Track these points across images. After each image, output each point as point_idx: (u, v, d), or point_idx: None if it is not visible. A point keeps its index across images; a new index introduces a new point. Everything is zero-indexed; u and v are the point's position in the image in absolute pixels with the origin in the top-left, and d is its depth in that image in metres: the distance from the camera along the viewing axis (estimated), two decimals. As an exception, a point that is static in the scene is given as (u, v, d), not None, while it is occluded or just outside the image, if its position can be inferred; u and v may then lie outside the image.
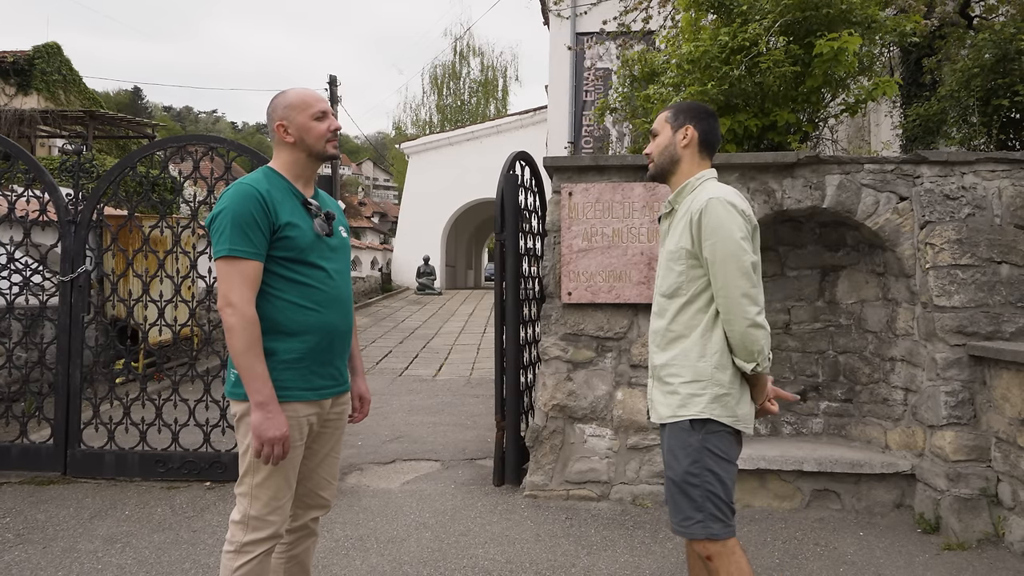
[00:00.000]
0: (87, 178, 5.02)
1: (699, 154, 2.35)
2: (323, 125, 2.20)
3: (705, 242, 2.16)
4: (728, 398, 2.17)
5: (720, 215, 2.15)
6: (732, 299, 2.12)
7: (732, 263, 2.12)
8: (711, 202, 2.16)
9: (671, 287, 2.27)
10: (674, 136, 2.35)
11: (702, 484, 2.15)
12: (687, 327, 2.23)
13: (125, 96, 55.97)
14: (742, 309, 2.11)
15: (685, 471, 2.17)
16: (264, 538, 2.11)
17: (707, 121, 2.37)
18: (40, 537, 3.67)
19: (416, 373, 9.26)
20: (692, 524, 2.16)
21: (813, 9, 4.39)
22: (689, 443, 2.17)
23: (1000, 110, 5.00)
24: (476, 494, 4.37)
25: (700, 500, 2.15)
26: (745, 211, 2.20)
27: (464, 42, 32.91)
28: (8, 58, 16.19)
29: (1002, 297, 3.80)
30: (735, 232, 2.14)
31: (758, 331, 2.12)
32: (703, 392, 2.17)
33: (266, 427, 2.00)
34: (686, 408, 2.18)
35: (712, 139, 2.38)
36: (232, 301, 2.02)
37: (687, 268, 2.22)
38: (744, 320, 2.11)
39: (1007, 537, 3.54)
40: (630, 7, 7.66)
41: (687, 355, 2.21)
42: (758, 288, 2.16)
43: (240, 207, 2.05)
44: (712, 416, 2.15)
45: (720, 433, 2.17)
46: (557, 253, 4.34)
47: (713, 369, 2.17)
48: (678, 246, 2.24)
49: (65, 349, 4.72)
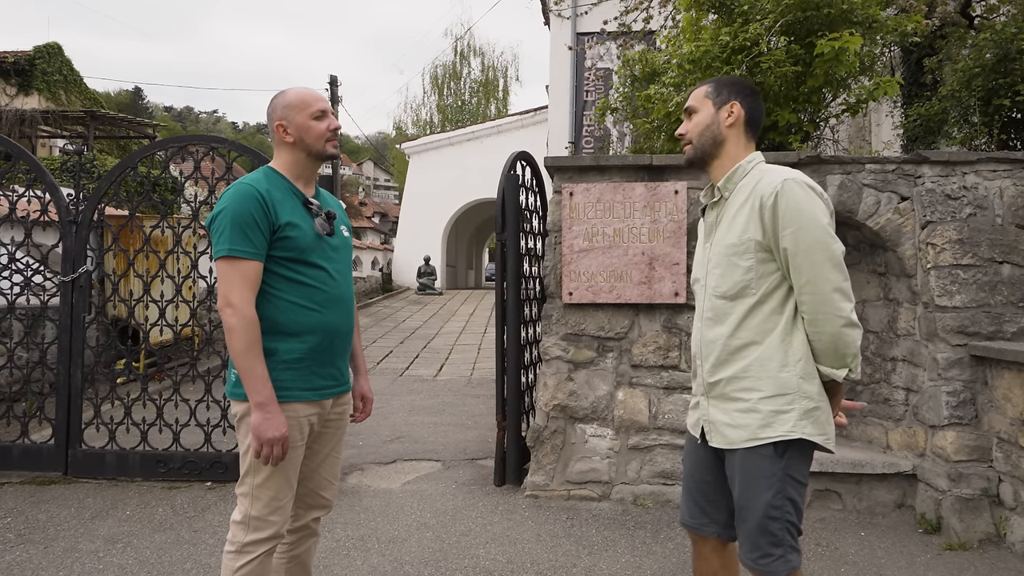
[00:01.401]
0: (88, 178, 5.02)
1: (745, 134, 2.07)
2: (322, 124, 2.18)
3: (784, 231, 1.86)
4: (819, 412, 1.91)
5: (800, 199, 1.86)
6: (822, 295, 1.84)
7: (820, 253, 1.84)
8: (787, 184, 1.87)
9: (736, 286, 1.95)
10: (717, 114, 2.05)
11: (782, 516, 1.90)
12: (760, 332, 1.93)
13: (126, 96, 56.06)
14: (835, 306, 1.83)
15: (768, 504, 1.89)
16: (265, 538, 2.10)
17: (753, 98, 2.09)
18: (41, 537, 3.67)
19: (417, 373, 9.26)
20: (772, 561, 1.91)
21: (814, 9, 4.39)
22: (772, 472, 1.89)
23: (1001, 110, 4.99)
24: (477, 494, 4.37)
25: (780, 535, 1.91)
26: (823, 194, 1.92)
27: (465, 42, 32.96)
28: (9, 58, 16.20)
29: (1003, 297, 3.79)
30: (821, 217, 1.86)
31: (854, 330, 1.86)
32: (790, 408, 1.89)
33: (265, 427, 1.99)
34: (771, 428, 1.89)
35: (759, 117, 2.10)
36: (232, 301, 2.01)
37: (757, 263, 1.92)
38: (838, 319, 1.84)
39: (1008, 537, 3.54)
40: (631, 7, 7.65)
41: (764, 365, 1.91)
42: (849, 281, 1.88)
43: (240, 207, 2.04)
44: (804, 435, 1.88)
45: (804, 455, 1.94)
46: (558, 253, 4.34)
47: (799, 379, 1.89)
48: (743, 238, 1.93)
49: (66, 349, 4.72)
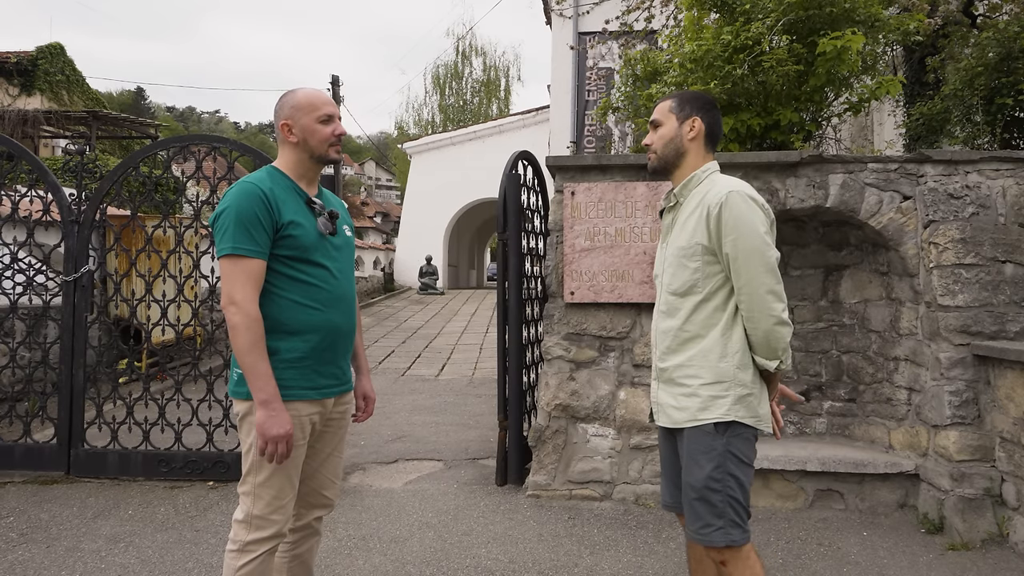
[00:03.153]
0: (90, 178, 5.03)
1: (704, 147, 2.26)
2: (327, 129, 2.18)
3: (726, 238, 2.07)
4: (751, 398, 2.10)
5: (741, 209, 2.06)
6: (757, 296, 2.05)
7: (756, 259, 2.05)
8: (731, 196, 2.07)
9: (684, 284, 2.16)
10: (680, 128, 2.24)
11: (723, 490, 2.06)
12: (704, 326, 2.13)
13: (128, 96, 56.12)
14: (767, 306, 2.05)
15: (707, 476, 2.07)
16: (267, 537, 2.11)
17: (712, 112, 2.27)
18: (44, 536, 3.68)
19: (419, 373, 9.26)
20: (712, 531, 2.07)
21: (816, 8, 4.38)
22: (712, 447, 2.08)
23: (1004, 109, 4.99)
24: (479, 494, 4.37)
25: (721, 506, 2.06)
26: (764, 205, 2.12)
27: (466, 42, 32.99)
28: (12, 59, 16.20)
29: (1006, 296, 3.78)
30: (758, 227, 2.06)
31: (784, 328, 2.06)
32: (726, 393, 2.09)
33: (269, 425, 2.00)
34: (708, 411, 2.09)
35: (717, 131, 2.29)
36: (235, 299, 2.01)
37: (703, 264, 2.13)
38: (770, 318, 2.05)
39: (1011, 537, 3.53)
40: (632, 6, 7.65)
41: (706, 356, 2.12)
42: (781, 284, 2.09)
43: (243, 205, 2.05)
44: (736, 418, 2.07)
45: (743, 436, 2.10)
46: (560, 252, 4.33)
47: (736, 369, 2.09)
48: (692, 242, 2.14)
49: (68, 349, 4.73)
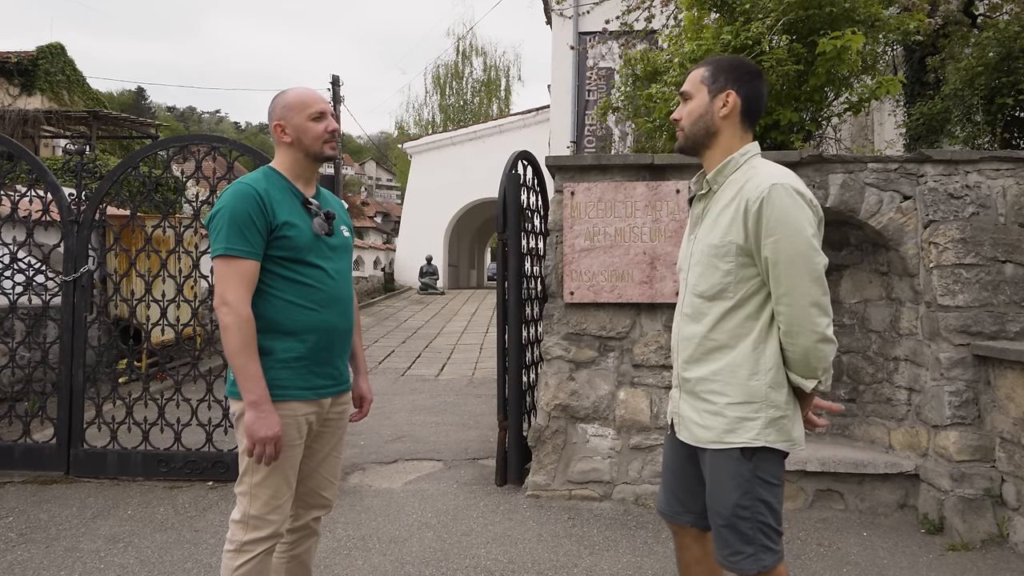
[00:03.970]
0: (90, 178, 5.03)
1: (741, 125, 1.96)
2: (320, 126, 2.18)
3: (766, 239, 1.80)
4: (784, 421, 1.87)
5: (787, 207, 1.78)
6: (799, 308, 1.78)
7: (801, 266, 1.77)
8: (775, 189, 1.79)
9: (713, 288, 1.91)
10: (712, 102, 1.95)
11: (753, 517, 1.87)
12: (733, 336, 1.88)
13: (129, 96, 56.16)
14: (811, 321, 1.77)
15: (735, 504, 1.87)
16: (264, 537, 2.10)
17: (752, 84, 1.95)
18: (43, 537, 3.67)
19: (419, 373, 9.26)
20: (743, 559, 1.89)
21: (816, 7, 4.38)
22: (739, 473, 1.87)
23: (1004, 108, 4.99)
24: (478, 494, 4.37)
25: (751, 534, 1.88)
26: (813, 201, 1.84)
27: (467, 42, 33.01)
28: (12, 59, 16.21)
29: (1006, 296, 3.78)
30: (806, 228, 1.78)
31: (827, 346, 1.80)
32: (756, 416, 1.85)
33: (258, 427, 2.00)
34: (735, 434, 1.87)
35: (757, 107, 1.98)
36: (227, 300, 2.01)
37: (737, 267, 1.87)
38: (813, 334, 1.78)
39: (1011, 538, 3.53)
40: (632, 6, 7.64)
41: (734, 371, 1.87)
42: (828, 295, 1.81)
43: (237, 206, 2.05)
44: (768, 443, 1.85)
45: (773, 459, 1.89)
46: (559, 252, 4.33)
47: (768, 389, 1.85)
48: (725, 240, 1.87)
49: (68, 349, 4.72)
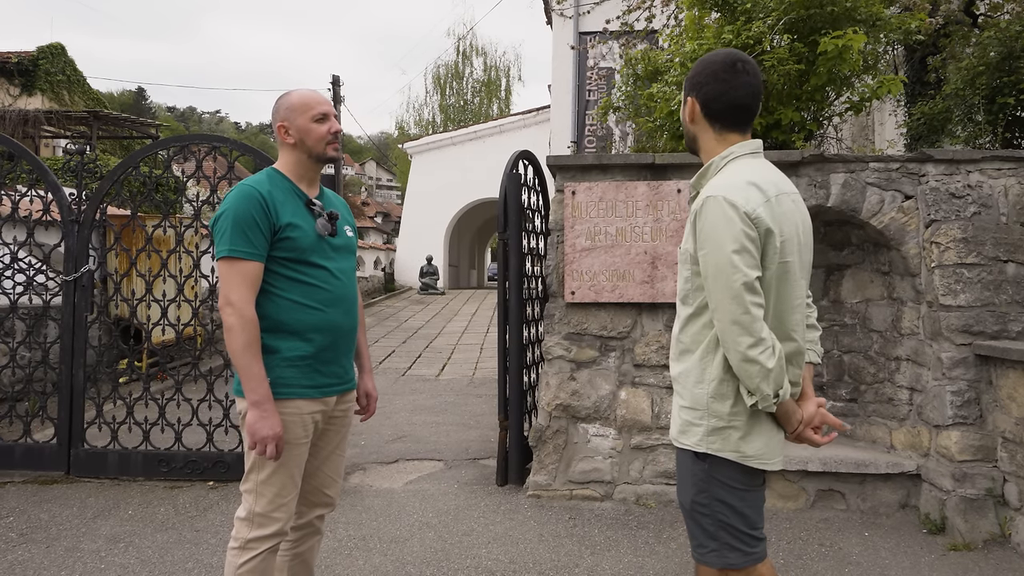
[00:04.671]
0: (90, 178, 5.02)
1: (712, 127, 1.89)
2: (323, 127, 2.21)
3: (699, 251, 1.79)
4: (730, 431, 1.83)
5: (715, 220, 1.74)
6: (722, 324, 1.76)
7: (721, 282, 1.73)
8: (708, 202, 1.77)
9: (681, 292, 1.93)
10: (684, 109, 1.95)
11: (712, 514, 1.87)
12: (694, 342, 1.89)
13: (129, 96, 56.19)
14: (732, 339, 1.74)
15: (692, 500, 1.90)
16: (269, 535, 2.11)
17: (710, 86, 1.87)
18: (43, 536, 3.67)
19: (419, 373, 9.25)
20: (707, 552, 1.90)
21: (817, 7, 4.38)
22: (694, 472, 1.89)
23: (1005, 108, 4.99)
24: (479, 494, 4.37)
25: (712, 529, 1.87)
26: (752, 212, 1.73)
27: (467, 42, 33.00)
28: (12, 59, 16.21)
29: (1008, 296, 3.77)
30: (726, 243, 1.72)
31: (752, 367, 1.72)
32: (699, 423, 1.86)
33: (260, 426, 2.03)
34: (685, 436, 1.90)
35: (718, 107, 1.86)
36: (232, 301, 2.05)
37: (692, 275, 1.87)
38: (735, 352, 1.74)
39: (1013, 538, 3.52)
40: (633, 6, 7.64)
41: (687, 376, 1.89)
42: (752, 314, 1.71)
43: (241, 208, 2.08)
44: (710, 451, 1.84)
45: (729, 464, 1.85)
46: (560, 252, 4.33)
47: (709, 398, 1.84)
48: (684, 247, 1.89)
49: (68, 349, 4.72)
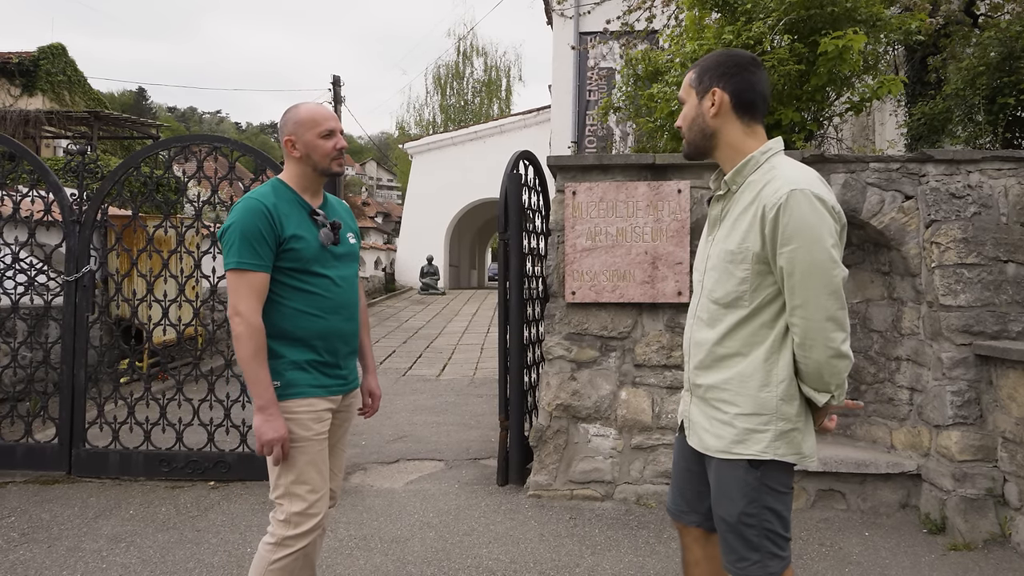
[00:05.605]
0: (91, 178, 5.03)
1: (740, 120, 1.86)
2: (329, 144, 2.28)
3: (782, 248, 1.72)
4: (795, 433, 1.82)
5: (805, 215, 1.69)
6: (814, 322, 1.71)
7: (818, 278, 1.69)
8: (793, 196, 1.70)
9: (729, 295, 1.84)
10: (700, 104, 1.88)
11: (759, 524, 1.84)
12: (746, 345, 1.82)
13: (129, 97, 56.21)
14: (826, 336, 1.71)
15: (741, 512, 1.85)
16: (306, 531, 2.20)
17: (740, 76, 1.84)
18: (45, 536, 3.68)
19: (420, 373, 9.26)
20: (748, 566, 1.86)
21: (818, 7, 4.38)
22: (747, 483, 1.83)
23: (1006, 108, 4.99)
24: (480, 494, 4.37)
25: (757, 540, 1.84)
26: (835, 207, 1.73)
27: (467, 42, 32.99)
28: (13, 59, 16.23)
29: (1008, 296, 3.78)
30: (825, 238, 1.69)
31: (842, 362, 1.74)
32: (765, 428, 1.81)
33: (265, 430, 2.13)
34: (744, 445, 1.83)
35: (750, 97, 1.86)
36: (240, 310, 2.13)
37: (753, 275, 1.79)
38: (827, 349, 1.72)
39: (1013, 537, 3.53)
40: (633, 6, 7.64)
41: (745, 382, 1.82)
42: (846, 309, 1.74)
43: (248, 222, 2.16)
44: (776, 456, 1.81)
45: (781, 468, 1.84)
46: (561, 252, 4.33)
47: (779, 401, 1.80)
48: (742, 246, 1.80)
49: (70, 349, 4.73)
